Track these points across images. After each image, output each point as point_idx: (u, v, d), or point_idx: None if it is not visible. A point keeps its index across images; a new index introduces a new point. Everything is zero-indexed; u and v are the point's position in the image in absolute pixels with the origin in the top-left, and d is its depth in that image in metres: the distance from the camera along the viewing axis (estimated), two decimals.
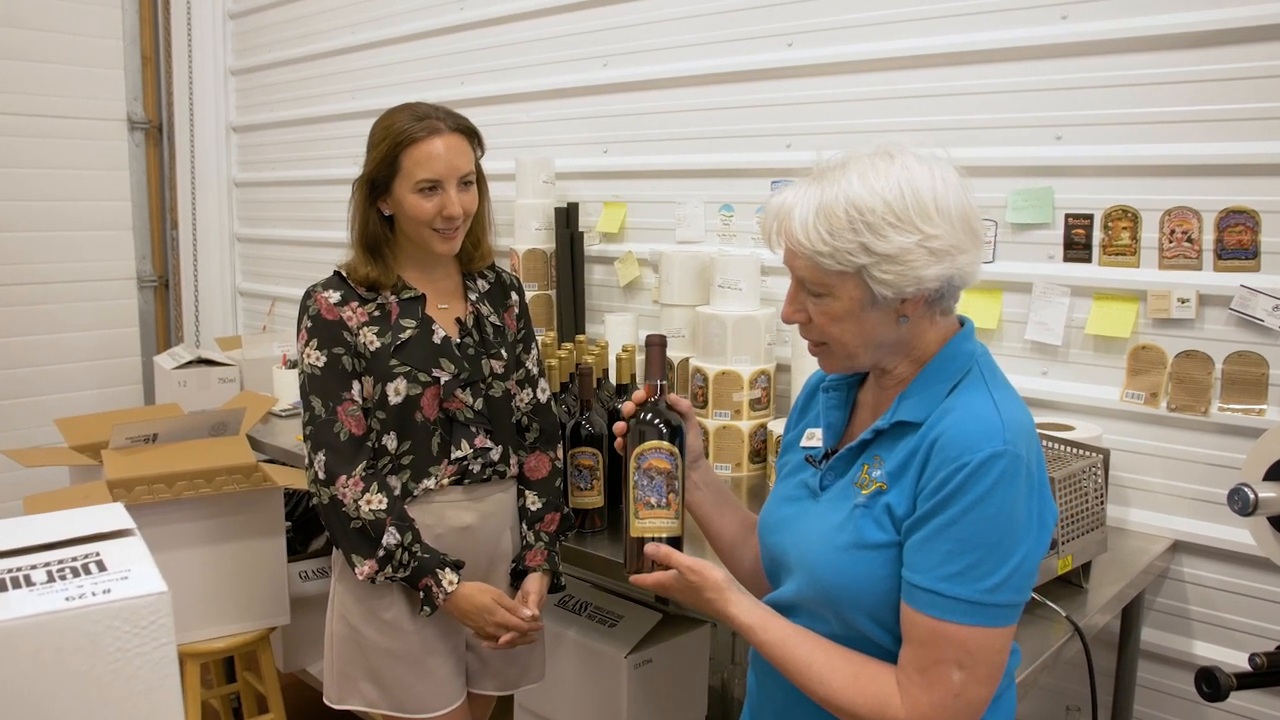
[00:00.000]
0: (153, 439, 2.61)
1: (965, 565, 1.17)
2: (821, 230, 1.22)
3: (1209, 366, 2.01)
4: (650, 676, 2.36)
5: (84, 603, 0.85)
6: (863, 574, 1.25)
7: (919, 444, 1.24)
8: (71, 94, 4.50)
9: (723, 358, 2.54)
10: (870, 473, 1.29)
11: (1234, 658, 2.01)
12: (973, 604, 1.17)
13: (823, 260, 1.23)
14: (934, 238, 1.20)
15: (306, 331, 1.92)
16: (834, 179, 1.24)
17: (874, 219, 1.20)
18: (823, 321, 1.29)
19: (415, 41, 3.68)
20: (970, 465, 1.17)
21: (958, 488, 1.18)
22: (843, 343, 1.29)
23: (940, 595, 1.18)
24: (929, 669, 1.19)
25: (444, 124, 1.89)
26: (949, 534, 1.18)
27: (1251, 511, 1.53)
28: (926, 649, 1.20)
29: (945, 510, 1.18)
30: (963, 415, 1.22)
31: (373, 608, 1.94)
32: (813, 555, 1.31)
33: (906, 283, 1.21)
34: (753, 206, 2.75)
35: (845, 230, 1.21)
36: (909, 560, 1.22)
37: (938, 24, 2.33)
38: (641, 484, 1.36)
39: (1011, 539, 1.18)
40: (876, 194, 1.20)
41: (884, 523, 1.25)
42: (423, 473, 1.94)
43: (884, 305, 1.25)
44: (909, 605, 1.21)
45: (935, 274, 1.21)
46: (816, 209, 1.23)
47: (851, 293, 1.25)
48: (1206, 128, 1.99)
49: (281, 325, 4.37)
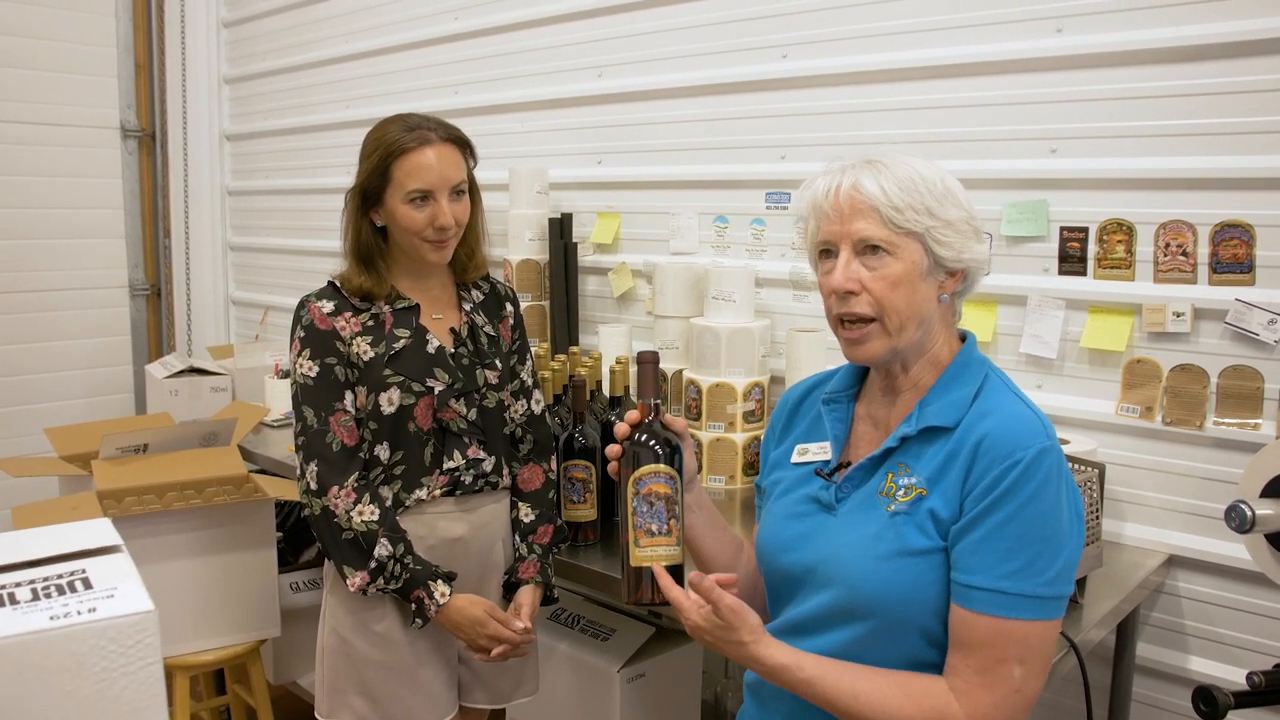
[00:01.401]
0: (143, 449, 2.60)
1: (1025, 561, 1.20)
2: (895, 187, 1.29)
3: (1204, 380, 2.01)
4: (643, 691, 2.35)
5: (69, 622, 0.84)
6: (909, 581, 1.25)
7: (958, 447, 1.25)
8: (65, 102, 4.49)
9: (716, 370, 2.53)
10: (898, 480, 1.29)
11: (1229, 673, 2.01)
12: (1035, 599, 1.20)
13: (896, 215, 1.29)
14: (974, 219, 1.33)
15: (299, 341, 1.91)
16: (889, 161, 1.32)
17: (939, 189, 1.30)
18: (880, 287, 1.30)
19: (409, 51, 3.67)
20: (1024, 462, 1.20)
21: (1012, 485, 1.20)
22: (897, 310, 1.30)
23: (1004, 594, 1.20)
24: (990, 669, 1.21)
25: (435, 134, 1.89)
26: (1007, 531, 1.20)
27: (1249, 529, 1.52)
28: (988, 649, 1.21)
29: (1001, 509, 1.20)
30: (1004, 416, 1.26)
31: (364, 620, 1.93)
32: (850, 568, 1.29)
33: (964, 249, 1.30)
34: (747, 218, 2.74)
35: (915, 191, 1.29)
36: (963, 563, 1.22)
37: (933, 36, 2.33)
38: (641, 510, 1.30)
39: (1061, 531, 1.22)
40: (935, 171, 1.31)
41: (927, 528, 1.25)
42: (414, 483, 1.93)
43: (933, 277, 1.31)
44: (966, 608, 1.22)
45: (978, 252, 1.32)
46: (884, 173, 1.30)
47: (913, 256, 1.30)
48: (1202, 141, 1.99)
49: (274, 334, 4.35)
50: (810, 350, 2.46)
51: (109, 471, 2.47)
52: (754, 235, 2.73)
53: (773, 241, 2.70)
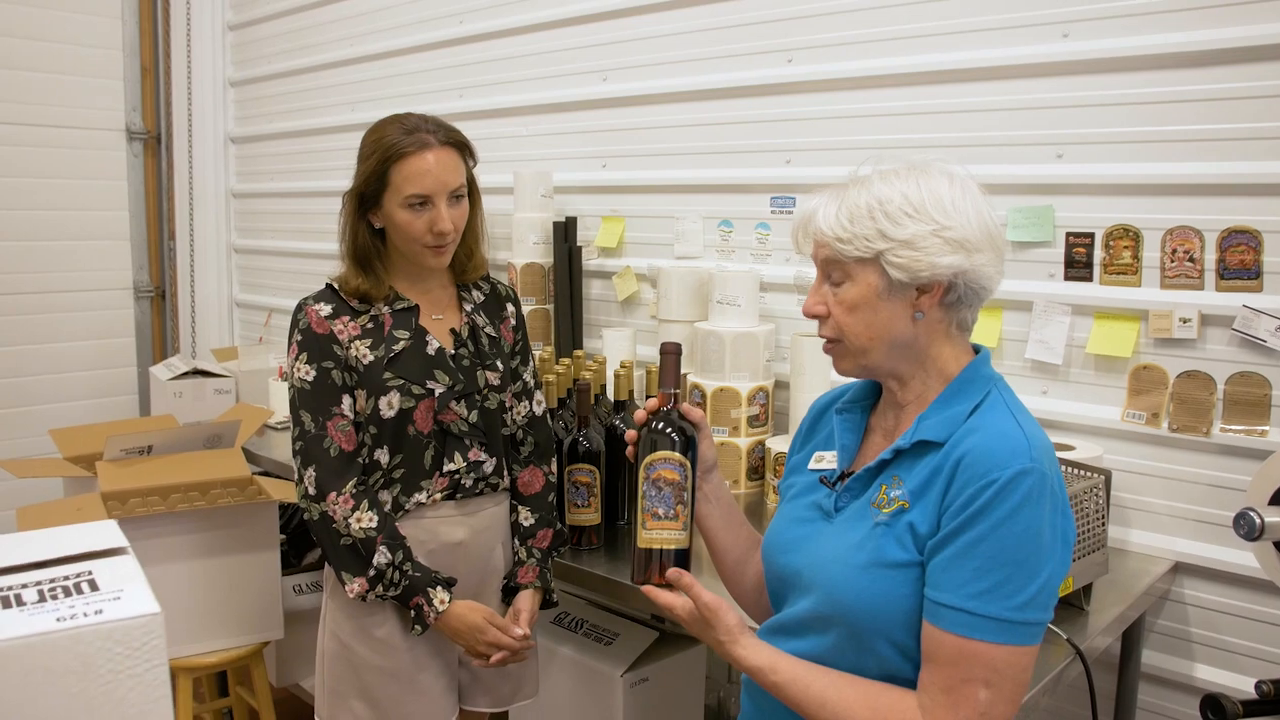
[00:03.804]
0: (147, 451, 2.60)
1: (994, 582, 1.18)
2: (843, 219, 1.29)
3: (1211, 387, 2.01)
4: (646, 695, 2.34)
5: (75, 623, 0.84)
6: (882, 593, 1.25)
7: (942, 463, 1.25)
8: (70, 104, 4.49)
9: (721, 374, 2.53)
10: (889, 492, 1.29)
11: (1236, 681, 2.00)
12: (1002, 622, 1.18)
13: (843, 247, 1.29)
14: (948, 228, 1.26)
15: (297, 345, 1.90)
16: (860, 184, 1.31)
17: (892, 209, 1.27)
18: (839, 311, 1.33)
19: (414, 54, 3.67)
20: (999, 482, 1.19)
21: (986, 504, 1.19)
22: (856, 334, 1.32)
23: (969, 613, 1.18)
24: (955, 689, 1.19)
25: (434, 137, 1.87)
26: (977, 551, 1.19)
27: (1258, 536, 1.52)
28: (953, 668, 1.19)
29: (973, 527, 1.19)
30: (988, 434, 1.24)
31: (364, 624, 1.92)
32: (829, 574, 1.30)
33: (921, 267, 1.26)
34: (752, 222, 2.74)
35: (864, 218, 1.28)
36: (934, 579, 1.21)
37: (939, 41, 2.33)
38: (650, 494, 1.35)
39: (1038, 556, 1.19)
40: (896, 189, 1.28)
41: (905, 541, 1.25)
42: (414, 486, 1.93)
43: (899, 295, 1.29)
44: (934, 625, 1.21)
45: (950, 263, 1.26)
46: (840, 203, 1.30)
47: (869, 279, 1.29)
48: (1209, 147, 1.99)
49: (278, 337, 4.35)
50: (815, 355, 2.45)
51: (113, 473, 2.47)
52: (759, 240, 2.73)
53: (777, 246, 2.69)
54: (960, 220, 1.27)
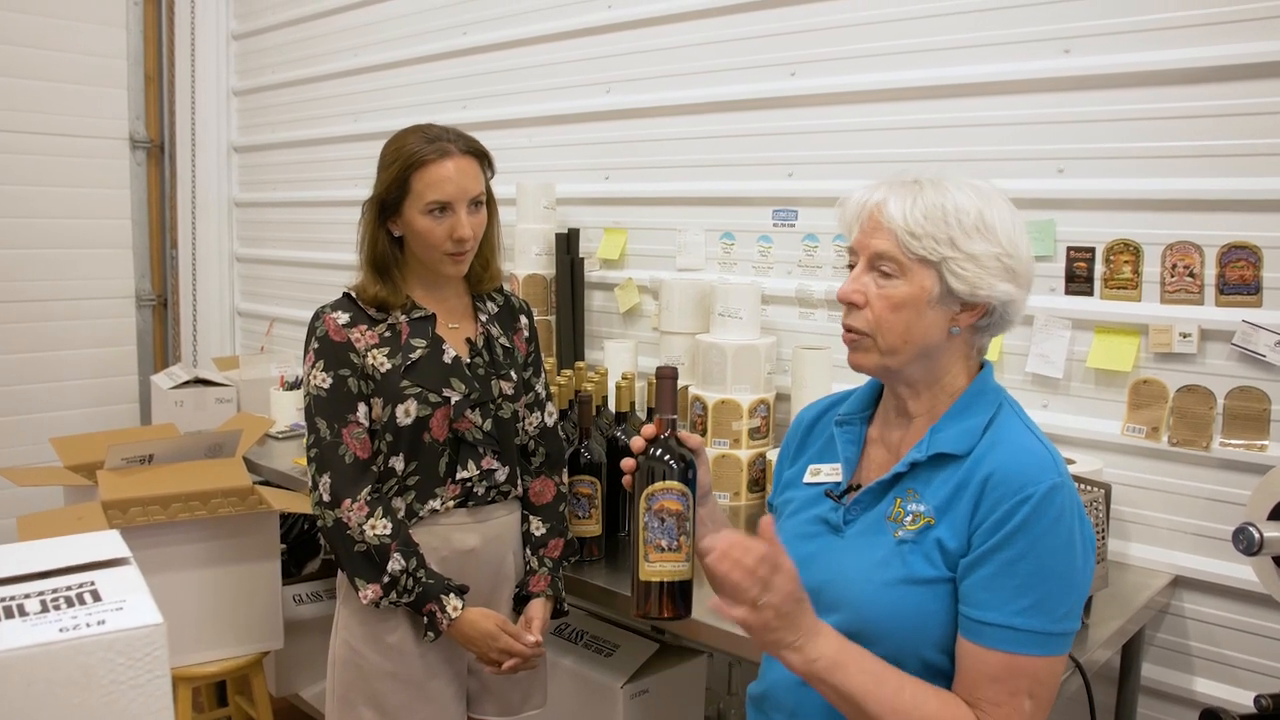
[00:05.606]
0: (148, 460, 2.60)
1: (1038, 598, 1.20)
2: (919, 214, 1.28)
3: (1210, 401, 2.01)
4: (646, 706, 2.34)
5: (78, 634, 0.84)
6: (913, 609, 1.25)
7: (967, 478, 1.25)
8: (74, 112, 4.51)
9: (722, 386, 2.53)
10: (905, 506, 1.29)
11: (1235, 695, 2.00)
12: (1047, 635, 1.20)
13: (911, 241, 1.28)
14: (1011, 256, 1.28)
15: (314, 353, 1.92)
16: (934, 186, 1.30)
17: (966, 221, 1.27)
18: (881, 306, 1.31)
19: (418, 65, 3.69)
20: (1034, 498, 1.20)
21: (1023, 522, 1.20)
22: (892, 332, 1.31)
23: (1016, 630, 1.20)
24: (1004, 702, 1.21)
25: (455, 146, 1.90)
26: (1018, 569, 1.20)
27: (1257, 551, 1.52)
28: (999, 684, 1.21)
29: (1011, 545, 1.20)
30: (1013, 449, 1.26)
31: (376, 631, 1.93)
32: (855, 591, 1.30)
33: (981, 285, 1.27)
34: (754, 235, 2.75)
35: (939, 220, 1.27)
36: (973, 598, 1.22)
37: (941, 56, 2.34)
38: (652, 526, 1.30)
39: (1073, 567, 1.22)
40: (971, 203, 1.28)
41: (934, 558, 1.25)
42: (428, 494, 1.94)
43: (945, 306, 1.30)
44: (975, 643, 1.22)
45: (1004, 290, 1.28)
46: (915, 198, 1.29)
47: (923, 281, 1.29)
48: (1209, 163, 2.00)
49: (280, 346, 4.36)
50: (816, 367, 2.46)
51: (114, 482, 2.47)
52: (760, 252, 2.73)
53: (779, 259, 2.70)
54: (1020, 253, 1.29)
